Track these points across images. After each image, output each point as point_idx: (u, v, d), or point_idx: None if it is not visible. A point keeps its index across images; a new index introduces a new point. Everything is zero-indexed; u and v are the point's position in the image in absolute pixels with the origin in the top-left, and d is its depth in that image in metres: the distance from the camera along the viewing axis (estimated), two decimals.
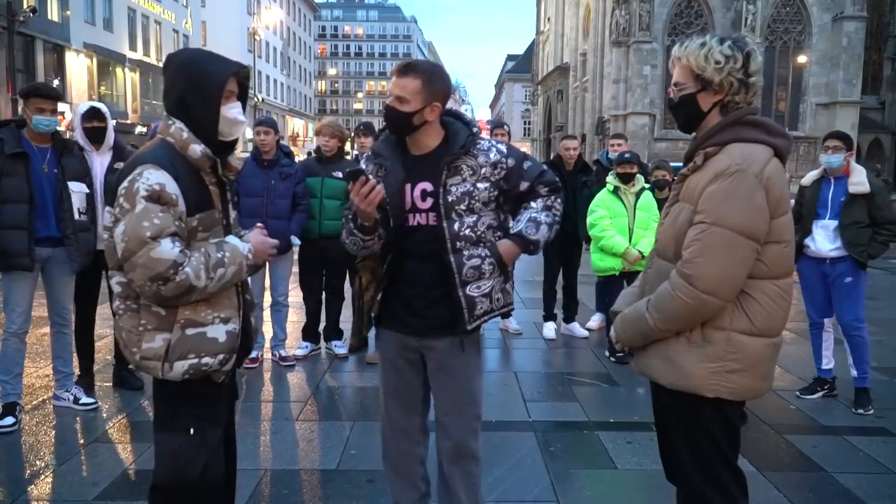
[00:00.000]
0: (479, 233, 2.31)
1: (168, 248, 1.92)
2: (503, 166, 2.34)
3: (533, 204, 2.37)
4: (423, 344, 2.44)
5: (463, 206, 2.29)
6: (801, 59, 34.08)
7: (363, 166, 2.43)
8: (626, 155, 5.77)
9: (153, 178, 1.96)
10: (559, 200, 2.41)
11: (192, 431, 2.08)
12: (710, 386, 1.96)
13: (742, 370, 1.96)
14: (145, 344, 2.03)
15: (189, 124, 2.05)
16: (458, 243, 2.29)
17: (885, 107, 38.51)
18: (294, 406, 4.54)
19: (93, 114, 4.34)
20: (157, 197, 1.95)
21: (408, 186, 2.33)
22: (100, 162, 4.35)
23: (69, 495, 3.26)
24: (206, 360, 2.06)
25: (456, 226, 2.28)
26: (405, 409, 2.55)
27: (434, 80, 2.30)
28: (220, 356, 2.09)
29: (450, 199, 2.29)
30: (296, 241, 5.31)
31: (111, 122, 4.46)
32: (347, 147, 6.23)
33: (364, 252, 2.35)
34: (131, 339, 2.06)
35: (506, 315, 2.93)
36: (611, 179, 5.75)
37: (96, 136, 4.36)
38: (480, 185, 2.31)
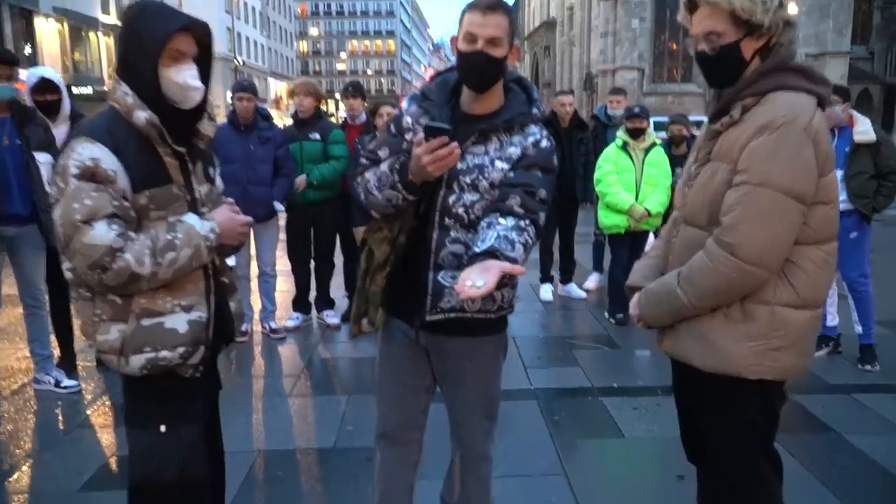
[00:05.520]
0: (472, 216, 1.93)
1: (102, 233, 1.71)
2: (527, 152, 1.95)
3: (502, 221, 1.84)
4: (432, 341, 2.08)
5: (468, 180, 1.93)
6: (792, 9, 33.58)
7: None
8: (636, 109, 5.53)
9: (86, 152, 1.73)
10: (533, 230, 1.87)
11: (163, 429, 1.89)
12: (754, 367, 1.78)
13: (787, 347, 1.78)
14: (100, 336, 1.84)
15: (135, 87, 1.81)
16: (446, 219, 1.95)
17: (874, 56, 38.20)
18: (287, 381, 4.39)
19: (44, 86, 4.00)
20: (90, 174, 1.72)
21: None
22: (57, 135, 4.03)
23: (52, 486, 3.10)
24: (163, 353, 1.85)
25: (452, 199, 1.94)
26: (404, 422, 2.23)
27: (513, 17, 1.97)
28: (181, 349, 1.87)
29: (459, 166, 1.91)
30: (279, 207, 5.09)
31: (65, 91, 4.14)
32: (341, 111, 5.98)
33: (389, 210, 1.97)
34: (87, 331, 1.87)
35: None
36: (620, 134, 5.54)
37: (50, 109, 4.03)
38: (498, 164, 1.93)
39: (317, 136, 5.17)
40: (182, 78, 1.83)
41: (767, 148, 1.68)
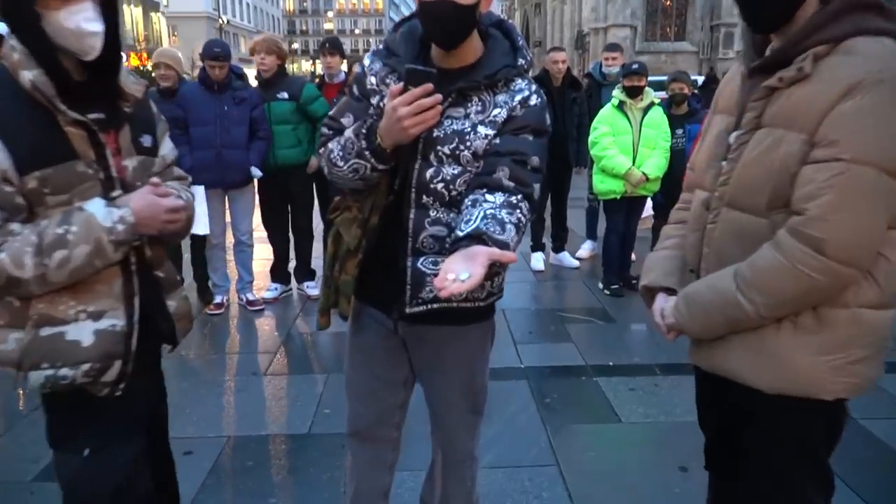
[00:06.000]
0: (454, 193, 1.63)
1: None
2: (514, 113, 1.63)
3: (489, 197, 1.55)
4: (412, 331, 1.81)
5: (447, 150, 1.61)
6: None
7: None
8: (634, 66, 5.15)
9: None
10: (527, 205, 1.59)
11: (86, 453, 1.60)
12: (831, 385, 1.45)
13: (868, 358, 1.46)
14: None
15: (23, 40, 1.46)
16: (424, 197, 1.65)
17: None
18: (262, 357, 4.13)
19: None
20: None
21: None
22: None
23: (5, 475, 2.85)
24: (63, 371, 1.53)
25: (429, 173, 1.63)
26: (378, 419, 1.96)
27: None
28: (85, 366, 1.55)
29: (435, 133, 1.60)
30: (256, 172, 4.77)
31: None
32: (320, 69, 5.61)
33: (358, 184, 1.69)
34: None
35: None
36: (616, 93, 5.19)
37: None
38: (481, 130, 1.60)
39: (285, 95, 4.83)
40: (74, 22, 1.45)
41: (863, 113, 1.31)
